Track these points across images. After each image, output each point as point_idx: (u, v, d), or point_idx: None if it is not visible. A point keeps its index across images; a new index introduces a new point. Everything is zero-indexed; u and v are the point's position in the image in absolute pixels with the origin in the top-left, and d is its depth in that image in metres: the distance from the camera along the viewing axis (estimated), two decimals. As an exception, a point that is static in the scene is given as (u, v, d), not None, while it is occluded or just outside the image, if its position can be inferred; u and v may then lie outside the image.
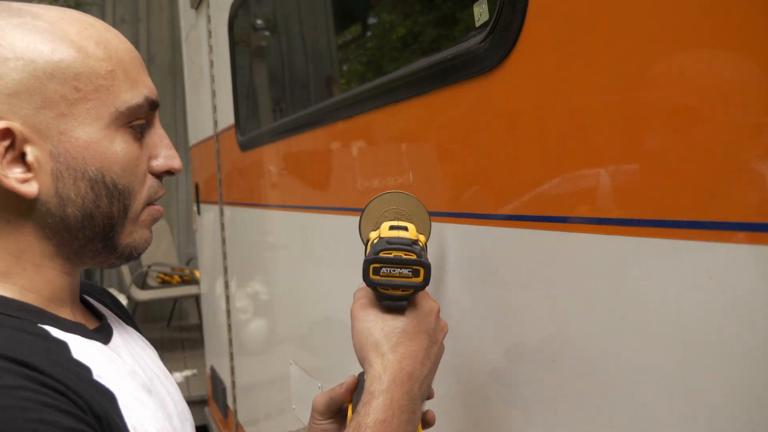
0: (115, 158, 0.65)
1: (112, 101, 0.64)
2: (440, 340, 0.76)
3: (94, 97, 0.63)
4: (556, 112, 0.73)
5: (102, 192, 0.65)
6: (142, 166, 0.68)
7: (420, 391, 0.71)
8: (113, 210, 0.66)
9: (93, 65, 0.63)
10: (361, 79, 1.52)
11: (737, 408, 0.55)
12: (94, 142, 0.64)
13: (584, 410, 0.72)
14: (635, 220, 0.63)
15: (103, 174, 0.64)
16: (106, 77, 0.64)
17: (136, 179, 0.67)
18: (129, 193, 0.67)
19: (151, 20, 6.55)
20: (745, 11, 0.53)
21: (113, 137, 0.65)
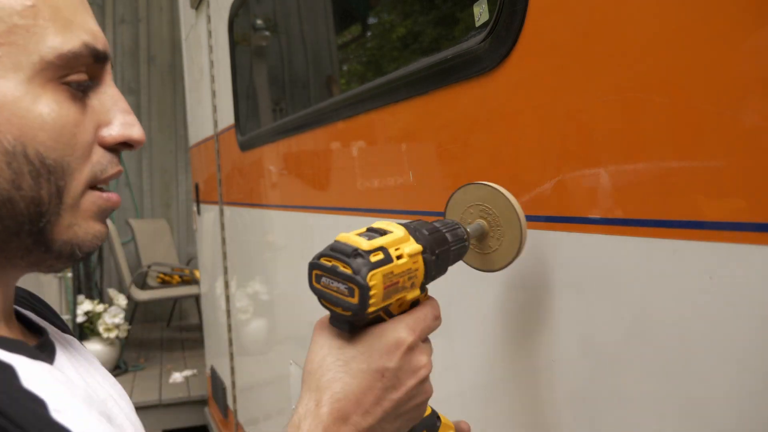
0: (40, 123, 0.49)
1: (34, 47, 0.49)
2: (408, 385, 0.56)
3: (7, 41, 0.48)
4: (556, 112, 0.73)
5: (24, 169, 0.49)
6: (82, 135, 0.52)
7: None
8: (41, 193, 0.50)
9: (7, 4, 0.48)
10: (361, 79, 1.52)
11: (737, 408, 0.55)
12: (10, 101, 0.48)
13: (582, 409, 0.72)
14: (635, 220, 0.63)
15: (24, 144, 0.48)
16: (25, 14, 0.48)
17: (73, 152, 0.51)
18: (63, 170, 0.51)
19: (151, 20, 6.55)
20: (744, 11, 0.53)
21: (38, 95, 0.49)
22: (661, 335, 0.62)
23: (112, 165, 0.55)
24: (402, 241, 0.59)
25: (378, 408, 0.55)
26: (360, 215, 1.26)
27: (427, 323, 0.58)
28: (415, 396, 0.57)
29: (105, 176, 0.54)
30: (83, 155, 0.52)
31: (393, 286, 0.56)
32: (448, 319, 0.67)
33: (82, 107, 0.52)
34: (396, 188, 1.10)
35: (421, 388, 0.57)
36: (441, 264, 0.62)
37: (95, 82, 0.54)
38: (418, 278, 0.59)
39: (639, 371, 0.65)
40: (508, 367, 0.85)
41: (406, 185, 1.07)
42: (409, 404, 0.57)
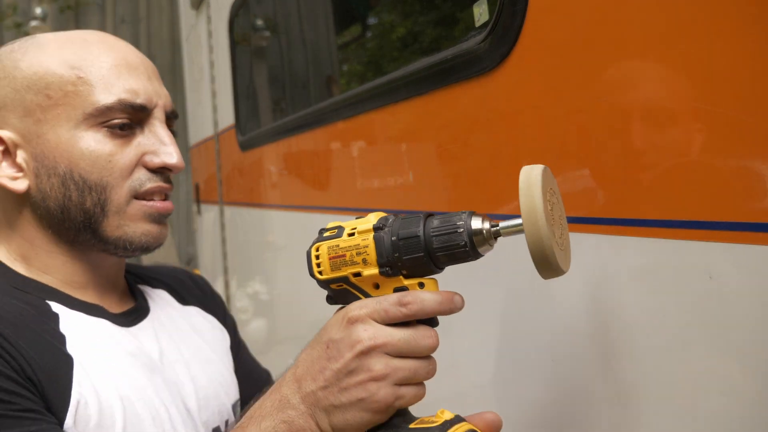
0: (80, 155, 0.71)
1: (80, 104, 0.71)
2: (346, 357, 0.59)
3: (63, 102, 0.71)
4: (555, 112, 0.73)
5: (71, 187, 0.71)
6: (120, 161, 0.72)
7: (303, 402, 0.61)
8: (86, 204, 0.72)
9: (62, 74, 0.71)
10: (361, 79, 1.52)
11: (737, 408, 0.55)
12: (63, 142, 0.71)
13: (579, 409, 0.72)
14: (635, 220, 0.63)
15: (71, 170, 0.71)
16: (75, 83, 0.71)
17: (110, 174, 0.72)
18: (103, 187, 0.72)
19: (151, 20, 6.55)
20: (744, 12, 0.53)
21: (81, 136, 0.71)
22: (661, 335, 0.62)
23: (151, 181, 0.74)
24: (366, 222, 0.63)
25: (321, 376, 0.60)
26: (360, 215, 1.26)
27: (383, 305, 0.60)
28: (355, 371, 0.59)
29: (143, 189, 0.74)
30: (121, 175, 0.72)
31: (339, 258, 0.62)
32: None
33: (123, 141, 0.72)
34: (396, 188, 1.10)
35: (361, 363, 0.59)
36: (409, 249, 0.61)
37: (136, 123, 0.73)
38: (369, 255, 0.62)
39: (639, 371, 0.65)
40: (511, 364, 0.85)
41: (406, 185, 1.07)
42: (351, 379, 0.59)
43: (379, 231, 0.62)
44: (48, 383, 0.64)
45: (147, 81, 0.75)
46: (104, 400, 0.68)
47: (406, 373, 0.59)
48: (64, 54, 0.72)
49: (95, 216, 0.72)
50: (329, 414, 0.60)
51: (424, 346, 0.60)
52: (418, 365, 0.60)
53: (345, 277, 0.63)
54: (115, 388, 0.69)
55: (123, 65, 0.73)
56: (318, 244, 0.65)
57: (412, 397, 0.60)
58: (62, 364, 0.66)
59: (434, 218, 0.62)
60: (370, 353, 0.59)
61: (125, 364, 0.72)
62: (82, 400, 0.66)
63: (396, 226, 0.62)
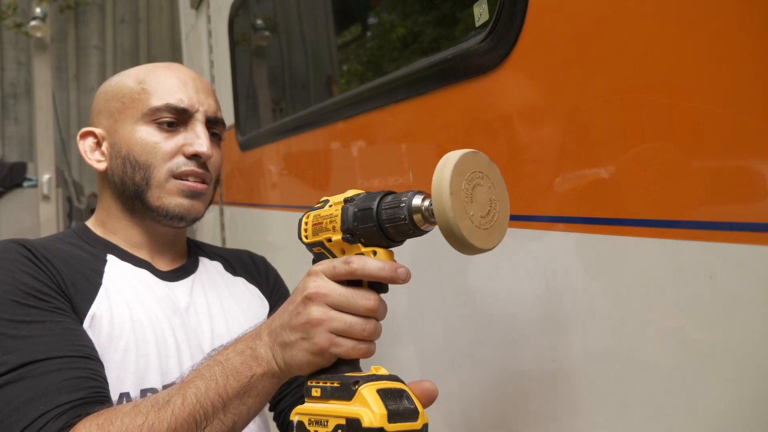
0: (135, 142, 0.95)
1: (141, 107, 0.96)
2: (296, 300, 0.71)
3: (131, 106, 0.96)
4: (555, 112, 0.73)
5: (128, 165, 0.95)
6: (163, 149, 0.95)
7: (268, 336, 0.73)
8: (136, 178, 0.95)
9: (133, 87, 0.97)
10: (361, 79, 1.52)
11: (738, 408, 0.55)
12: (127, 133, 0.96)
13: (579, 409, 0.72)
14: (636, 220, 0.63)
15: (129, 153, 0.95)
16: (140, 93, 0.96)
17: (155, 157, 0.94)
18: (149, 166, 0.95)
19: (151, 20, 6.55)
20: (744, 11, 0.53)
21: (139, 129, 0.95)
22: (661, 335, 0.62)
23: (186, 165, 0.96)
24: (342, 195, 0.74)
25: (282, 316, 0.73)
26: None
27: (333, 263, 0.70)
28: (300, 313, 0.70)
29: (179, 171, 0.95)
30: (162, 159, 0.95)
31: (318, 225, 0.75)
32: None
33: (168, 135, 0.96)
34: (396, 188, 1.10)
35: (305, 308, 0.70)
36: (364, 219, 0.69)
37: (181, 123, 0.96)
38: (337, 223, 0.72)
39: (639, 371, 0.65)
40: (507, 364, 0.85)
41: (406, 185, 1.07)
42: (296, 320, 0.70)
43: (348, 203, 0.72)
44: (75, 297, 0.86)
45: (193, 92, 0.97)
46: (116, 318, 0.88)
47: (341, 325, 0.68)
48: (138, 75, 0.98)
49: (142, 188, 0.95)
50: (283, 349, 0.71)
51: (360, 305, 0.69)
52: (354, 321, 0.69)
53: (321, 242, 0.75)
54: (129, 312, 0.90)
55: (176, 81, 0.97)
56: (308, 213, 0.77)
57: (349, 349, 0.69)
58: (91, 287, 0.89)
59: (389, 195, 0.69)
60: (312, 300, 0.70)
61: (149, 302, 0.93)
62: (97, 313, 0.87)
63: (360, 200, 0.71)
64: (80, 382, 0.76)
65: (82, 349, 0.81)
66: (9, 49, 6.16)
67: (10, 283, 0.81)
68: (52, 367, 0.76)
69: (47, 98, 4.75)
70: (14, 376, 0.75)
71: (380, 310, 0.70)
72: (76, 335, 0.82)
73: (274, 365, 0.72)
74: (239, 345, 0.75)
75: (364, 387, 0.66)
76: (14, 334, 0.78)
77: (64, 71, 6.30)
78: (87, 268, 0.92)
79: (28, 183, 5.07)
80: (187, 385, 0.73)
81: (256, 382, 0.72)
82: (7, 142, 6.17)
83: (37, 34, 4.60)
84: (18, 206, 5.07)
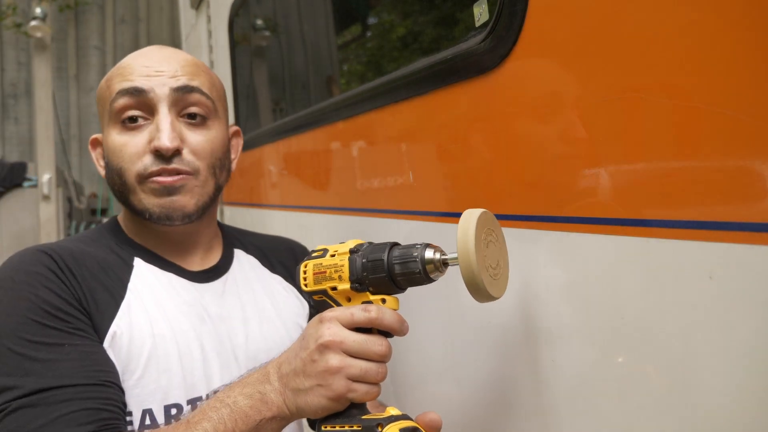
0: (108, 148, 0.90)
1: (107, 107, 0.89)
2: (311, 347, 0.72)
3: (102, 107, 0.91)
4: (555, 112, 0.73)
5: (113, 173, 0.90)
6: (129, 150, 0.88)
7: (279, 381, 0.74)
8: (116, 185, 0.90)
9: (102, 86, 0.92)
10: (361, 79, 1.52)
11: (738, 408, 0.55)
12: (106, 138, 0.91)
13: (579, 409, 0.72)
14: (635, 220, 0.63)
15: (109, 160, 0.91)
16: (106, 90, 0.90)
17: (123, 160, 0.88)
18: (122, 171, 0.89)
19: (151, 20, 6.55)
20: (744, 11, 0.53)
21: (109, 133, 0.90)
22: (661, 335, 0.62)
23: (154, 164, 0.87)
24: (345, 246, 0.78)
25: (293, 362, 0.73)
26: (360, 215, 1.26)
27: (350, 310, 0.72)
28: (316, 361, 0.71)
29: (147, 172, 0.87)
30: (131, 161, 0.88)
31: (321, 274, 0.77)
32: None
33: (134, 133, 0.88)
34: (396, 188, 1.10)
35: (321, 355, 0.71)
36: (374, 270, 0.73)
37: (150, 110, 0.88)
38: (344, 273, 0.75)
39: (639, 371, 0.65)
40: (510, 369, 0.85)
41: (406, 185, 1.07)
42: (313, 368, 0.71)
43: (354, 254, 0.76)
44: (96, 314, 0.83)
45: (152, 68, 0.88)
46: (136, 334, 0.85)
47: (357, 371, 0.70)
48: (109, 71, 0.92)
49: (125, 194, 0.90)
50: (295, 395, 0.72)
51: (375, 351, 0.71)
52: (369, 366, 0.71)
53: (324, 290, 0.77)
54: (150, 327, 0.87)
55: (136, 64, 0.89)
56: (306, 262, 0.79)
57: (363, 394, 0.71)
58: (113, 303, 0.86)
59: (397, 248, 0.74)
60: (329, 348, 0.71)
61: (174, 312, 0.90)
62: (117, 332, 0.84)
63: (367, 251, 0.75)
64: (90, 414, 0.75)
65: (98, 375, 0.79)
66: (9, 49, 6.16)
67: (32, 301, 0.79)
68: (65, 396, 0.75)
69: (47, 98, 4.75)
70: (28, 401, 0.74)
71: (390, 355, 0.73)
72: (94, 359, 0.80)
73: (284, 410, 0.73)
74: (246, 389, 0.74)
75: (387, 429, 0.70)
76: (33, 356, 0.76)
77: (64, 71, 6.30)
78: (112, 278, 0.88)
79: (28, 183, 5.07)
80: (194, 426, 0.72)
81: (265, 425, 0.73)
82: (7, 142, 6.17)
83: (37, 34, 4.61)
84: (18, 206, 5.07)
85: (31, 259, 0.84)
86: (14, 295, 0.80)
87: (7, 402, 0.73)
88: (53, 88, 5.00)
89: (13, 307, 0.79)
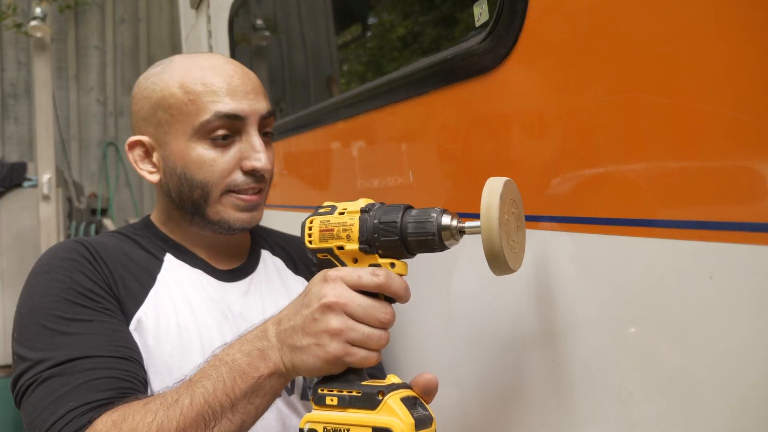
0: (191, 161, 0.92)
1: (191, 122, 0.92)
2: (313, 306, 0.71)
3: (180, 120, 0.92)
4: (555, 113, 0.73)
5: (185, 183, 0.94)
6: (221, 165, 0.92)
7: (276, 337, 0.74)
8: (194, 196, 0.94)
9: (180, 97, 0.92)
10: (361, 79, 1.52)
11: (738, 408, 0.55)
12: (180, 150, 0.93)
13: (579, 410, 0.72)
14: (636, 220, 0.63)
15: (185, 172, 0.93)
16: (188, 105, 0.92)
17: (212, 175, 0.92)
18: (206, 184, 0.93)
19: (151, 20, 6.55)
20: (744, 11, 0.53)
21: (194, 146, 0.92)
22: (662, 335, 0.62)
23: (245, 182, 0.94)
24: (355, 204, 0.75)
25: (293, 319, 0.73)
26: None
27: (358, 272, 0.71)
28: (317, 320, 0.70)
29: (238, 188, 0.94)
30: (220, 177, 0.93)
31: (328, 232, 0.74)
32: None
33: (223, 149, 0.93)
34: (396, 188, 1.10)
35: (323, 315, 0.70)
36: (386, 232, 0.70)
37: (237, 133, 0.93)
38: (353, 232, 0.72)
39: (639, 372, 0.65)
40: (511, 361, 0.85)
41: (406, 185, 1.07)
42: (312, 327, 0.70)
43: (365, 213, 0.73)
44: (125, 299, 0.89)
45: (243, 97, 0.92)
46: (162, 323, 0.90)
47: (359, 336, 0.69)
48: (183, 80, 0.92)
49: (201, 205, 0.94)
50: (292, 352, 0.72)
51: (379, 318, 0.70)
52: (371, 332, 0.70)
53: (330, 249, 0.74)
54: (176, 317, 0.91)
55: (224, 87, 0.92)
56: (312, 218, 0.76)
57: (361, 359, 0.70)
58: (141, 290, 0.91)
59: (411, 211, 0.71)
60: (332, 308, 0.70)
61: (200, 306, 0.94)
62: (143, 318, 0.89)
63: (379, 211, 0.72)
64: (111, 382, 0.79)
65: (121, 350, 0.83)
66: (9, 49, 6.16)
67: (67, 283, 0.86)
68: (90, 365, 0.79)
69: (47, 98, 4.74)
70: (57, 371, 0.79)
71: (393, 322, 0.71)
72: (119, 336, 0.85)
73: (281, 366, 0.73)
74: (245, 346, 0.75)
75: (389, 397, 0.68)
76: (64, 330, 0.82)
77: (64, 71, 6.30)
78: (142, 269, 0.94)
79: (28, 183, 5.07)
80: (194, 384, 0.73)
81: (263, 383, 0.73)
82: (7, 142, 6.17)
83: (37, 34, 4.60)
84: (18, 206, 5.07)
85: (66, 247, 0.91)
86: (50, 278, 0.86)
87: (40, 372, 0.79)
88: (53, 88, 5.00)
89: (48, 288, 0.85)
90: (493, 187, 0.65)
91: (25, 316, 0.85)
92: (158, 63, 1.00)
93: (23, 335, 0.83)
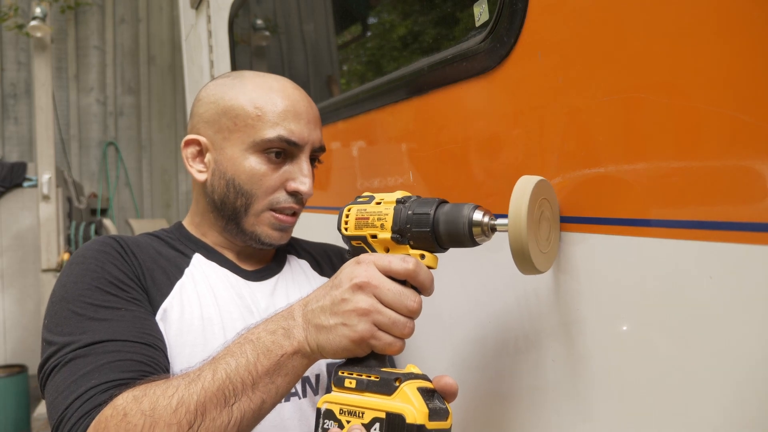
0: (243, 170, 0.96)
1: (252, 134, 0.96)
2: (344, 286, 0.73)
3: (243, 130, 0.96)
4: (555, 112, 0.73)
5: (231, 189, 0.97)
6: (267, 182, 0.97)
7: (302, 317, 0.75)
8: (237, 203, 0.98)
9: (248, 110, 0.96)
10: (361, 79, 1.52)
11: (738, 408, 0.55)
12: (235, 157, 0.97)
13: (581, 409, 0.72)
14: (636, 220, 0.63)
15: (234, 178, 0.97)
16: (254, 119, 0.96)
17: (259, 188, 0.96)
18: (251, 195, 0.97)
19: (151, 20, 6.55)
20: (744, 11, 0.53)
21: (248, 157, 0.96)
22: (662, 335, 0.62)
23: (286, 201, 0.98)
24: (392, 195, 0.78)
25: (322, 299, 0.74)
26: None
27: (389, 257, 0.72)
28: (346, 300, 0.72)
29: (278, 207, 0.98)
30: (266, 192, 0.97)
31: (363, 220, 0.77)
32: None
33: (274, 167, 0.97)
34: (396, 188, 1.10)
35: (353, 295, 0.71)
36: (419, 223, 0.72)
37: (290, 155, 0.98)
38: (387, 222, 0.75)
39: (639, 372, 0.65)
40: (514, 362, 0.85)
41: (406, 185, 1.07)
42: (341, 306, 0.72)
43: (400, 204, 0.75)
44: (152, 290, 0.92)
45: (305, 124, 0.97)
46: (186, 314, 0.92)
47: (386, 320, 0.70)
48: (253, 95, 0.97)
49: (240, 213, 0.98)
50: (318, 331, 0.73)
51: (407, 305, 0.71)
52: (397, 318, 0.71)
53: (364, 236, 0.77)
54: (200, 308, 0.94)
55: (291, 111, 0.96)
56: (351, 206, 0.80)
57: (386, 344, 0.71)
58: (168, 282, 0.95)
59: (445, 205, 0.73)
60: (363, 289, 0.71)
61: (226, 300, 0.97)
62: (168, 308, 0.92)
63: (414, 203, 0.74)
64: (133, 364, 0.81)
65: (146, 337, 0.85)
66: (9, 49, 6.16)
67: (98, 272, 0.89)
68: (113, 348, 0.81)
69: (47, 98, 4.74)
70: (82, 352, 0.80)
71: (420, 312, 0.72)
72: (144, 324, 0.87)
73: (305, 346, 0.74)
74: (270, 324, 0.76)
75: (406, 384, 0.69)
76: (92, 316, 0.84)
77: (64, 71, 6.30)
78: (171, 263, 0.98)
79: (28, 183, 5.07)
80: (217, 361, 0.74)
81: (286, 361, 0.74)
82: (7, 142, 6.17)
83: (37, 34, 4.60)
84: (18, 206, 5.07)
85: (101, 241, 0.95)
86: (83, 268, 0.90)
87: (65, 354, 0.81)
88: (53, 88, 5.00)
89: (81, 276, 0.89)
90: (523, 185, 0.66)
91: (56, 303, 0.87)
92: (229, 74, 1.05)
93: (53, 321, 0.86)
